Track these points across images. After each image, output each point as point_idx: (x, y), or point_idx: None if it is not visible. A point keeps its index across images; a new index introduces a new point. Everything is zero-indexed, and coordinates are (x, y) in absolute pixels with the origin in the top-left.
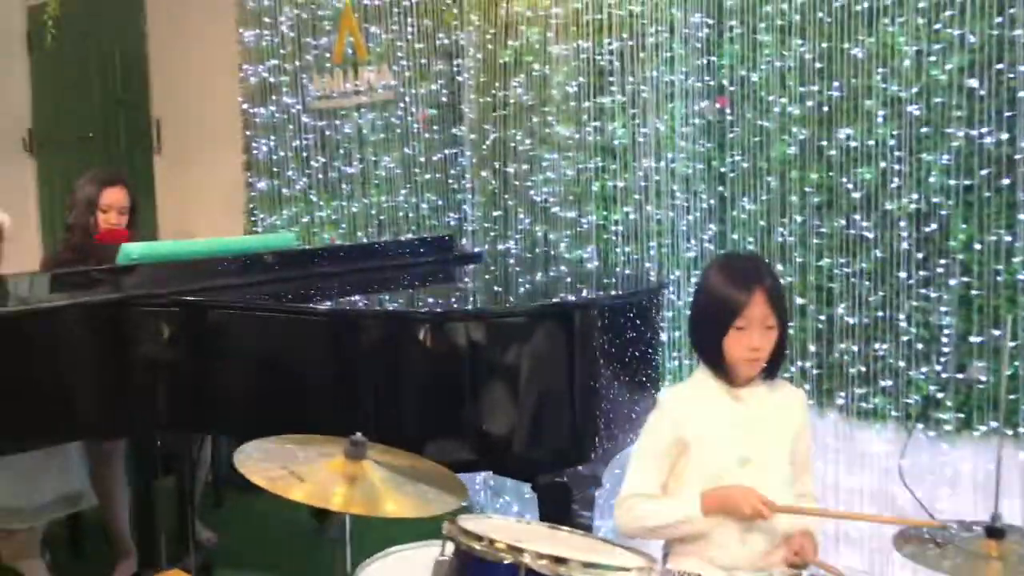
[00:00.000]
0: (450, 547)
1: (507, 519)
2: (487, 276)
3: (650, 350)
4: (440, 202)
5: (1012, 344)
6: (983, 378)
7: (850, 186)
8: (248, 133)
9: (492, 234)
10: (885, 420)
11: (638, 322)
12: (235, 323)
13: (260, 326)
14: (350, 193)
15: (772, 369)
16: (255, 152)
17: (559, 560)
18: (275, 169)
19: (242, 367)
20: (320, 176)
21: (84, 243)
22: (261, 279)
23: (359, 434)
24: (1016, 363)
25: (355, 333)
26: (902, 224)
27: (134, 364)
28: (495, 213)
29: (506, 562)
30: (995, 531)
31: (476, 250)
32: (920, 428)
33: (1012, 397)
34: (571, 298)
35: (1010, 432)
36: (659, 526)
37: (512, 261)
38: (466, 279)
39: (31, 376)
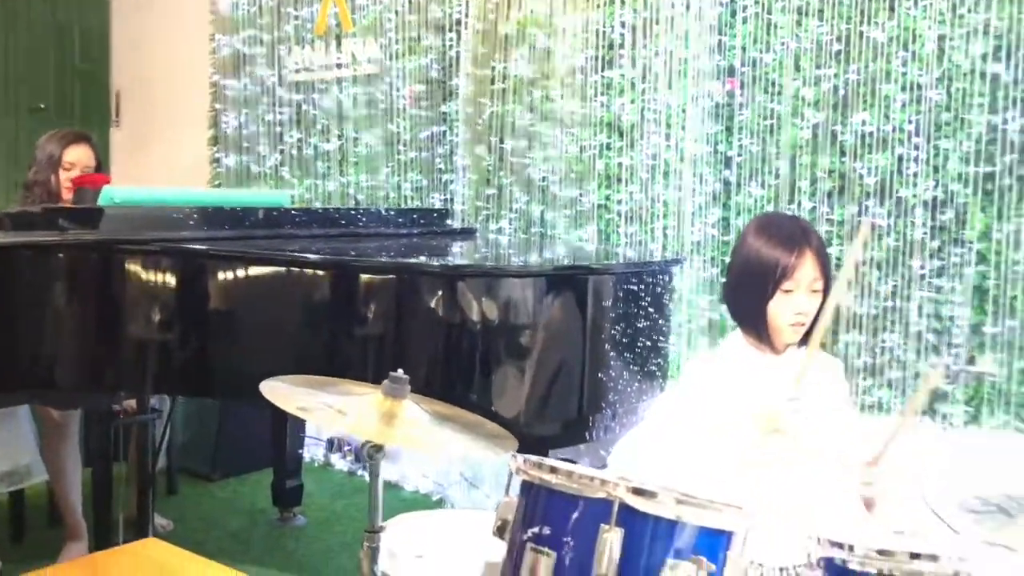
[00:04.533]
0: (516, 486)
1: None
2: (478, 255)
3: (661, 339)
4: (425, 182)
5: None
6: (995, 371)
7: (864, 172)
8: (217, 107)
9: (484, 213)
10: (890, 413)
11: (651, 310)
12: (231, 273)
13: (259, 277)
14: (326, 171)
15: (808, 335)
16: (224, 127)
17: (648, 493)
18: (245, 145)
19: (239, 320)
20: (294, 152)
21: (45, 200)
22: (250, 234)
23: (400, 371)
24: None
25: (360, 285)
26: (917, 212)
27: (120, 316)
28: (488, 191)
29: (594, 496)
30: None
31: (469, 226)
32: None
33: None
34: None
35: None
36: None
37: (505, 241)
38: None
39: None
